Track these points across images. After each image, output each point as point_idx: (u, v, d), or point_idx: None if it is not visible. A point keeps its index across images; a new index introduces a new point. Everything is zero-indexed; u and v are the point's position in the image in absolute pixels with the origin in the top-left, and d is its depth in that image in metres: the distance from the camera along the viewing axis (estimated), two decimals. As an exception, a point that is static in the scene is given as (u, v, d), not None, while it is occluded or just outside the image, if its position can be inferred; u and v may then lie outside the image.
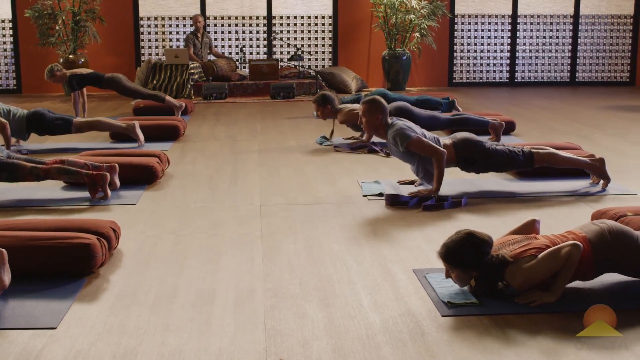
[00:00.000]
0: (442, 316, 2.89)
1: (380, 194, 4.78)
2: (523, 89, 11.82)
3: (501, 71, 12.20)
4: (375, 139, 6.62)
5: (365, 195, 4.81)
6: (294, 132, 7.49)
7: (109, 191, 4.74)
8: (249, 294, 3.14)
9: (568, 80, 12.24)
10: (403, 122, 4.82)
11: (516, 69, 12.19)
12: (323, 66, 11.82)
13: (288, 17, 11.81)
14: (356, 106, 6.70)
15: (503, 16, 12.06)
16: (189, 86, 10.33)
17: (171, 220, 4.29)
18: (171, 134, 7.01)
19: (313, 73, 11.02)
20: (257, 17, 11.76)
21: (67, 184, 5.06)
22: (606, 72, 12.27)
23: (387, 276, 3.34)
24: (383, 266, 3.47)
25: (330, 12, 11.83)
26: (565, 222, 4.21)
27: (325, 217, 4.33)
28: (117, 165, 4.91)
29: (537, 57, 12.19)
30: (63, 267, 3.32)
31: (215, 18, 11.73)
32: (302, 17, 11.82)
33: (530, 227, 3.31)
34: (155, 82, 10.37)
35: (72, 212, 4.49)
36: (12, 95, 11.09)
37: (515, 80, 12.20)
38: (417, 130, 4.82)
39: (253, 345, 2.65)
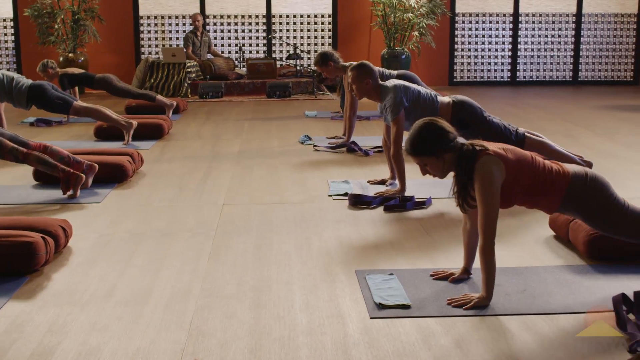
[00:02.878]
0: (371, 318, 2.86)
1: (346, 194, 4.75)
2: (525, 88, 11.72)
3: (502, 70, 12.11)
4: (355, 137, 6.60)
5: (330, 195, 4.79)
6: (280, 131, 7.48)
7: (79, 192, 4.76)
8: (184, 293, 3.13)
9: (570, 79, 12.11)
10: (397, 89, 4.70)
11: (518, 68, 12.08)
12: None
13: (287, 16, 11.80)
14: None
15: (504, 15, 11.96)
16: (186, 85, 10.37)
17: (130, 219, 4.30)
18: (155, 133, 7.03)
19: (311, 72, 10.99)
20: (257, 16, 11.77)
21: (41, 175, 5.05)
22: (609, 72, 12.13)
23: (328, 277, 3.32)
24: (327, 267, 3.45)
25: (329, 10, 11.81)
26: (527, 222, 4.16)
27: (285, 217, 4.32)
28: (96, 166, 4.92)
29: (539, 56, 12.07)
30: (4, 265, 3.33)
31: (214, 17, 11.75)
32: (301, 16, 11.82)
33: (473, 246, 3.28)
34: (152, 80, 10.43)
35: (36, 209, 4.51)
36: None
37: (517, 79, 12.10)
38: (411, 90, 4.75)
39: (172, 345, 2.65)
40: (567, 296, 3.07)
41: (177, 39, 11.67)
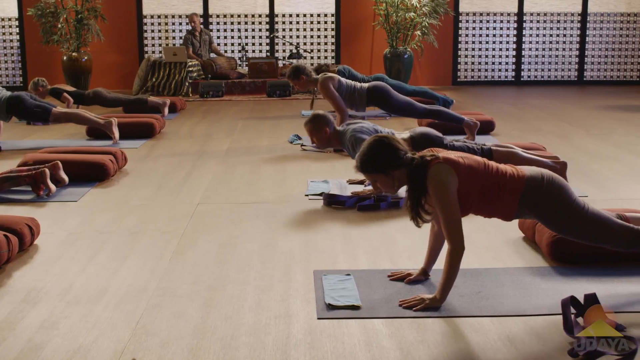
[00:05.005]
0: (318, 319, 2.85)
1: (322, 194, 4.74)
2: (529, 88, 11.62)
3: (507, 70, 12.02)
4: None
5: (307, 195, 4.78)
6: (272, 130, 7.48)
7: (52, 186, 4.79)
8: (138, 292, 3.14)
9: (576, 79, 12.00)
10: (354, 128, 4.91)
11: (522, 67, 11.99)
12: (325, 64, 11.78)
13: (290, 15, 11.80)
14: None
15: (509, 14, 11.87)
16: (187, 84, 10.40)
17: (102, 218, 4.32)
18: (146, 132, 7.07)
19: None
20: (260, 15, 11.78)
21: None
22: (615, 71, 12.00)
23: (285, 277, 3.31)
24: (286, 267, 3.44)
25: (332, 10, 11.79)
26: (497, 223, 4.13)
27: (256, 216, 4.31)
28: (59, 162, 4.95)
29: (543, 56, 11.97)
30: (-34, 262, 3.36)
31: (217, 16, 11.78)
32: (304, 15, 11.81)
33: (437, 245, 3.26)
34: (154, 79, 10.47)
35: (11, 208, 4.54)
36: (18, 92, 11.30)
37: (522, 79, 12.01)
38: (369, 129, 4.86)
39: (114, 343, 2.65)
40: (521, 298, 3.04)
41: (181, 38, 11.71)
